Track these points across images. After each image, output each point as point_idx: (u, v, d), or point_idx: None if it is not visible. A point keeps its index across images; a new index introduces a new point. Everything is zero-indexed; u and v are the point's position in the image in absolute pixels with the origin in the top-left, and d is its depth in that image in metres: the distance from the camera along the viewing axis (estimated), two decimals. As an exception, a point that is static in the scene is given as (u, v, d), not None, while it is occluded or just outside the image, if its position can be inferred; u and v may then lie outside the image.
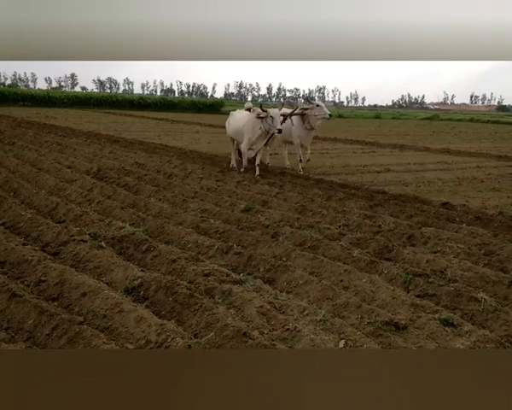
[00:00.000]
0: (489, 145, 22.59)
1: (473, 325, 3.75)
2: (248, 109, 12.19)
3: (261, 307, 3.78)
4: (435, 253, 5.45)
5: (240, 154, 11.72)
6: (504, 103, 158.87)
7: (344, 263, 4.98)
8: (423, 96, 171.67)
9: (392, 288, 4.31)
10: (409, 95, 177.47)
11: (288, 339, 3.37)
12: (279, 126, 9.80)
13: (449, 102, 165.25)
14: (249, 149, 10.80)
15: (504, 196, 9.52)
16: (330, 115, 11.05)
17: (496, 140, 27.04)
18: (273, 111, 10.10)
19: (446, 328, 3.60)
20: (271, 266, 4.82)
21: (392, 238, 5.94)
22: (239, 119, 11.10)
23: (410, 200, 8.50)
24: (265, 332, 3.45)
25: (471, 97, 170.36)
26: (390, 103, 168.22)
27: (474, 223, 6.90)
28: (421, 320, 3.71)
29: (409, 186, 10.36)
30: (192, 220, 6.33)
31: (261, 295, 4.11)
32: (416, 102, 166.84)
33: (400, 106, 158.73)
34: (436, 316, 3.76)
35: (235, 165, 11.60)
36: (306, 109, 11.14)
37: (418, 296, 4.27)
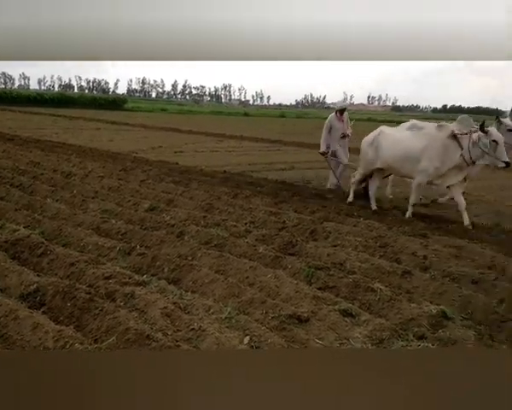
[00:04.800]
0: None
1: (370, 314, 3.94)
2: (342, 110, 9.43)
3: (165, 308, 3.71)
4: (335, 246, 5.67)
5: (366, 192, 8.39)
6: (398, 104, 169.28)
7: (250, 260, 5.03)
8: (325, 96, 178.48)
9: (295, 282, 4.42)
10: (311, 94, 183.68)
11: (192, 339, 3.34)
12: (505, 157, 6.60)
13: (348, 102, 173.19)
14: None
15: (397, 192, 10.13)
16: None
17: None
18: (495, 132, 6.74)
19: (346, 318, 3.76)
20: (176, 265, 4.75)
21: (296, 234, 6.10)
22: (406, 139, 7.44)
23: (312, 196, 8.78)
24: (169, 333, 3.40)
25: (368, 98, 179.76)
26: (294, 103, 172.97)
27: (370, 217, 7.25)
28: (322, 312, 3.84)
29: (312, 183, 10.70)
30: (92, 221, 6.09)
31: (165, 296, 4.04)
32: (318, 102, 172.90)
33: (304, 105, 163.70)
34: (336, 307, 3.90)
35: (351, 200, 8.27)
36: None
37: (320, 289, 4.41)
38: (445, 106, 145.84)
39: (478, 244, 5.89)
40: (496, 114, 8.10)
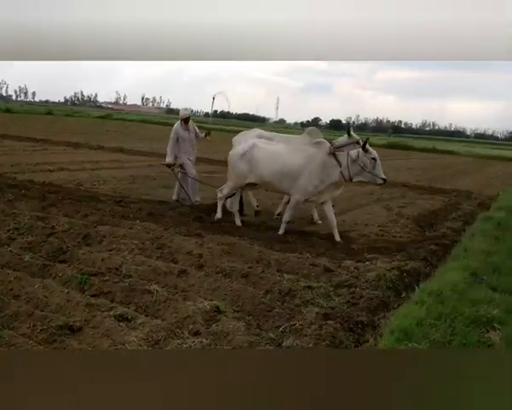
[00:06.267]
0: (160, 145, 24.24)
1: (146, 316, 3.95)
2: (186, 119, 8.97)
3: None
4: (110, 250, 5.52)
5: (242, 204, 8.05)
6: (172, 107, 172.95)
7: (14, 270, 4.64)
8: (96, 95, 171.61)
9: (66, 290, 4.22)
10: (82, 92, 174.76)
11: None
12: (383, 175, 6.95)
13: (121, 102, 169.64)
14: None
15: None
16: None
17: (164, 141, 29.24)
18: (373, 150, 6.98)
19: (121, 323, 3.70)
20: None
21: (66, 239, 5.77)
22: (284, 153, 7.18)
23: (85, 199, 8.39)
24: None
25: (142, 99, 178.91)
26: (62, 100, 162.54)
27: (147, 219, 7.23)
28: (96, 319, 3.72)
29: (84, 185, 10.24)
30: None
31: None
32: (90, 100, 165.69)
33: (73, 103, 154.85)
34: (111, 313, 3.82)
35: (220, 216, 7.68)
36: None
37: (94, 296, 4.27)
38: (215, 111, 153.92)
39: (247, 241, 6.36)
40: (261, 121, 8.88)
